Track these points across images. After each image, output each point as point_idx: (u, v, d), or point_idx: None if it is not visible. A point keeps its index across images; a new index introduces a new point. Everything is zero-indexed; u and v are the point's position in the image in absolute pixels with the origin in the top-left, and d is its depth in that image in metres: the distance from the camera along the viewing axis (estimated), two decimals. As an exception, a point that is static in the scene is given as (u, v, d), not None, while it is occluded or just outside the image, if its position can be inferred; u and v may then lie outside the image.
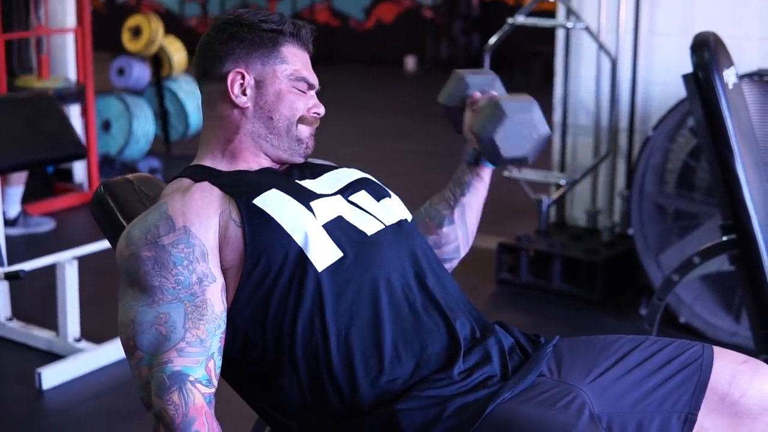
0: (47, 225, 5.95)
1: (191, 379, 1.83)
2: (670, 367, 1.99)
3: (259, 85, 2.09)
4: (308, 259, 1.91)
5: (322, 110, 2.17)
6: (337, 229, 1.99)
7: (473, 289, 4.89)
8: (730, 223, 3.13)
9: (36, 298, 4.68)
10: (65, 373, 3.95)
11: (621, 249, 4.88)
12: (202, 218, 1.93)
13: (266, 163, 2.12)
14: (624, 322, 4.55)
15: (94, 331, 4.22)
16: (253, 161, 2.11)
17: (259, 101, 2.09)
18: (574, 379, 1.98)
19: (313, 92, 2.17)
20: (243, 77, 2.09)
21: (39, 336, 4.25)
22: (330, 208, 2.02)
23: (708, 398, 1.96)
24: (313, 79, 2.16)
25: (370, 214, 2.06)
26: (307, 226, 1.94)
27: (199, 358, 1.85)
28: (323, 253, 1.93)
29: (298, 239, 1.92)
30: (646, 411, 1.96)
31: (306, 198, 2.01)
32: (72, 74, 6.59)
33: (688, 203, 4.50)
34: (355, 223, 2.02)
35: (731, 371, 1.98)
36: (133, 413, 3.61)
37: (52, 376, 3.89)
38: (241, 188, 1.99)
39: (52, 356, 4.12)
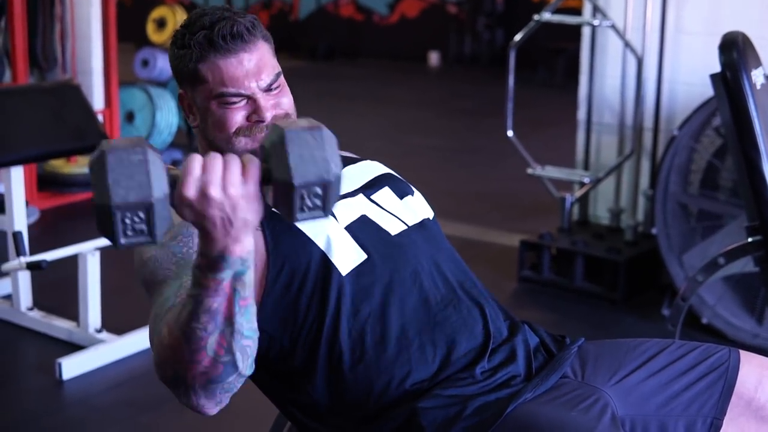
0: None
1: None
2: (696, 371, 1.98)
3: (193, 106, 1.99)
4: (332, 263, 1.90)
5: (267, 114, 1.93)
6: (361, 230, 1.97)
7: (495, 286, 4.87)
8: (756, 224, 3.11)
9: (57, 288, 4.69)
10: (85, 363, 3.95)
11: (644, 248, 4.85)
12: None
13: None
14: (646, 321, 4.53)
15: (115, 322, 4.23)
16: None
17: (200, 121, 1.99)
18: (598, 381, 1.97)
19: (256, 96, 1.94)
20: (184, 97, 2.01)
21: (60, 326, 4.25)
22: (352, 208, 2.00)
23: (734, 403, 1.94)
24: (239, 89, 1.92)
25: (393, 215, 2.04)
26: (329, 229, 1.92)
27: None
28: (347, 257, 1.91)
29: (321, 243, 1.91)
30: (671, 414, 1.94)
31: None
32: (97, 65, 6.59)
33: (713, 203, 4.47)
34: (379, 222, 2.00)
35: (758, 376, 1.96)
36: (152, 404, 3.61)
37: (72, 366, 3.90)
38: None
39: (72, 346, 4.13)
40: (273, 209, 1.88)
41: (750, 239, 3.16)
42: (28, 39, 6.03)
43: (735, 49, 2.99)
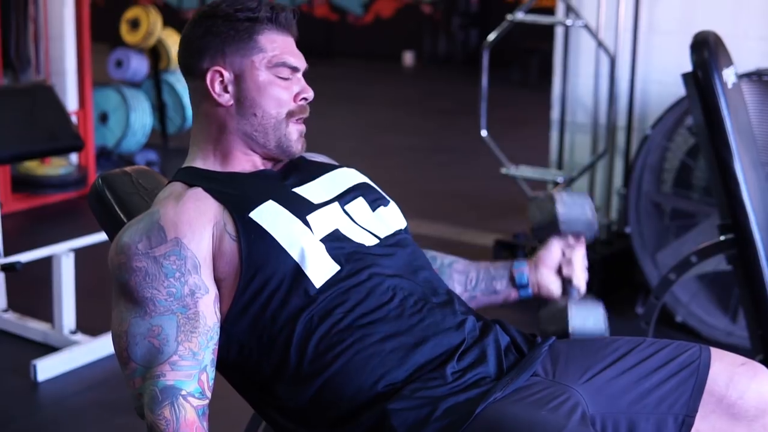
0: None
1: (183, 393, 1.82)
2: (668, 369, 1.98)
3: (239, 79, 2.02)
4: (305, 274, 1.90)
5: (310, 94, 2.07)
6: (334, 242, 1.97)
7: (469, 285, 4.87)
8: (728, 222, 3.13)
9: (32, 290, 4.67)
10: (60, 365, 3.94)
11: (618, 247, 4.87)
12: (195, 229, 1.90)
13: (259, 162, 2.08)
14: (620, 320, 4.54)
15: (89, 324, 4.22)
16: (246, 161, 2.07)
17: (242, 97, 2.02)
18: (569, 379, 1.97)
19: (299, 75, 2.07)
20: (221, 74, 2.02)
21: (34, 328, 4.24)
22: (327, 220, 2.00)
23: (705, 400, 1.94)
24: (297, 62, 2.06)
25: (365, 229, 2.05)
26: (303, 241, 1.93)
27: (191, 371, 1.84)
28: (320, 268, 1.92)
29: (295, 255, 1.91)
30: (642, 412, 1.95)
31: (303, 211, 1.98)
32: (70, 66, 6.57)
33: (686, 202, 4.50)
34: (351, 236, 2.01)
35: (729, 373, 1.96)
36: (128, 406, 3.56)
37: (47, 367, 3.89)
38: (236, 198, 1.96)
39: (47, 348, 4.11)
40: (250, 216, 1.90)
41: (722, 237, 3.17)
42: (1, 40, 6.00)
43: (706, 49, 3.01)
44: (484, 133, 5.32)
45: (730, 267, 3.25)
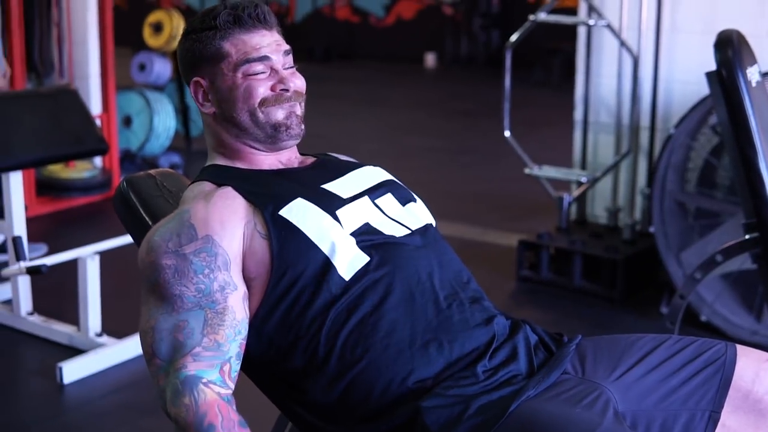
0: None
1: (204, 381, 1.83)
2: (694, 365, 1.98)
3: (213, 87, 2.08)
4: (334, 267, 1.91)
5: (291, 84, 2.08)
6: (365, 235, 1.98)
7: (494, 285, 4.88)
8: (752, 221, 3.12)
9: (57, 293, 4.69)
10: (86, 367, 3.95)
11: (642, 247, 4.86)
12: (226, 227, 1.92)
13: (279, 159, 2.12)
14: (644, 320, 4.54)
15: (115, 326, 4.23)
16: (263, 159, 2.11)
17: (220, 103, 2.08)
18: (599, 377, 1.97)
19: (279, 67, 2.08)
20: (201, 84, 2.09)
21: (60, 330, 4.25)
22: (357, 214, 2.01)
23: (731, 396, 1.94)
24: (266, 52, 2.06)
25: (396, 221, 2.06)
26: (333, 235, 1.94)
27: (214, 361, 1.84)
28: (350, 261, 1.93)
29: (325, 249, 1.92)
30: (670, 409, 1.95)
31: (332, 206, 2.00)
32: (94, 70, 6.60)
33: (710, 201, 4.48)
34: (381, 229, 2.02)
35: (755, 369, 1.96)
36: (153, 408, 3.61)
37: (73, 370, 3.90)
38: (266, 197, 1.98)
39: (73, 351, 4.12)
40: (280, 214, 1.91)
41: (747, 236, 3.16)
42: (25, 44, 6.03)
43: (730, 47, 3.00)
44: (507, 133, 5.32)
45: (755, 266, 3.24)
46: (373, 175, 2.16)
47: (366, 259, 1.94)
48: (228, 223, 1.93)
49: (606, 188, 5.19)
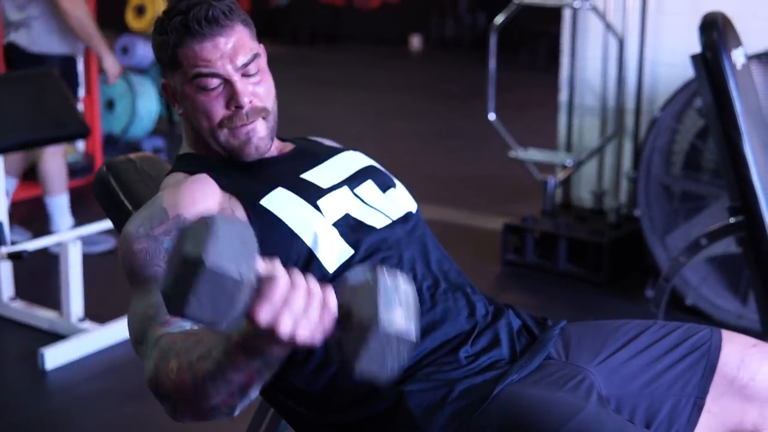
0: (104, 244, 5.22)
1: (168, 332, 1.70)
2: (679, 351, 1.98)
3: (178, 93, 2.02)
4: (318, 258, 1.90)
5: (245, 100, 1.96)
6: (346, 226, 1.97)
7: (478, 269, 4.87)
8: (737, 204, 3.12)
9: (39, 278, 4.67)
10: (68, 353, 3.94)
11: (627, 230, 4.86)
12: (198, 205, 1.88)
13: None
14: (630, 303, 4.54)
15: (97, 311, 4.22)
16: (237, 154, 2.04)
17: (184, 108, 2.03)
18: (582, 361, 1.97)
19: (233, 80, 1.95)
20: (169, 87, 2.04)
21: (42, 316, 4.23)
22: (338, 205, 2.00)
23: (717, 382, 1.94)
24: (214, 67, 1.94)
25: (377, 210, 2.05)
26: (316, 226, 1.92)
27: (184, 325, 1.70)
28: (333, 252, 1.92)
29: (308, 240, 1.90)
30: (655, 394, 1.94)
31: (313, 196, 1.98)
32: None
33: (695, 184, 4.48)
34: (362, 219, 2.00)
35: (740, 355, 1.96)
36: (136, 393, 3.60)
37: (55, 356, 3.89)
38: (244, 186, 1.96)
39: (55, 336, 4.11)
40: (262, 204, 1.87)
41: (732, 219, 3.16)
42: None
43: (715, 29, 2.99)
44: (492, 116, 5.30)
45: (740, 249, 3.24)
46: (352, 161, 2.14)
47: (350, 251, 1.93)
48: (201, 202, 1.89)
49: (591, 171, 5.18)
